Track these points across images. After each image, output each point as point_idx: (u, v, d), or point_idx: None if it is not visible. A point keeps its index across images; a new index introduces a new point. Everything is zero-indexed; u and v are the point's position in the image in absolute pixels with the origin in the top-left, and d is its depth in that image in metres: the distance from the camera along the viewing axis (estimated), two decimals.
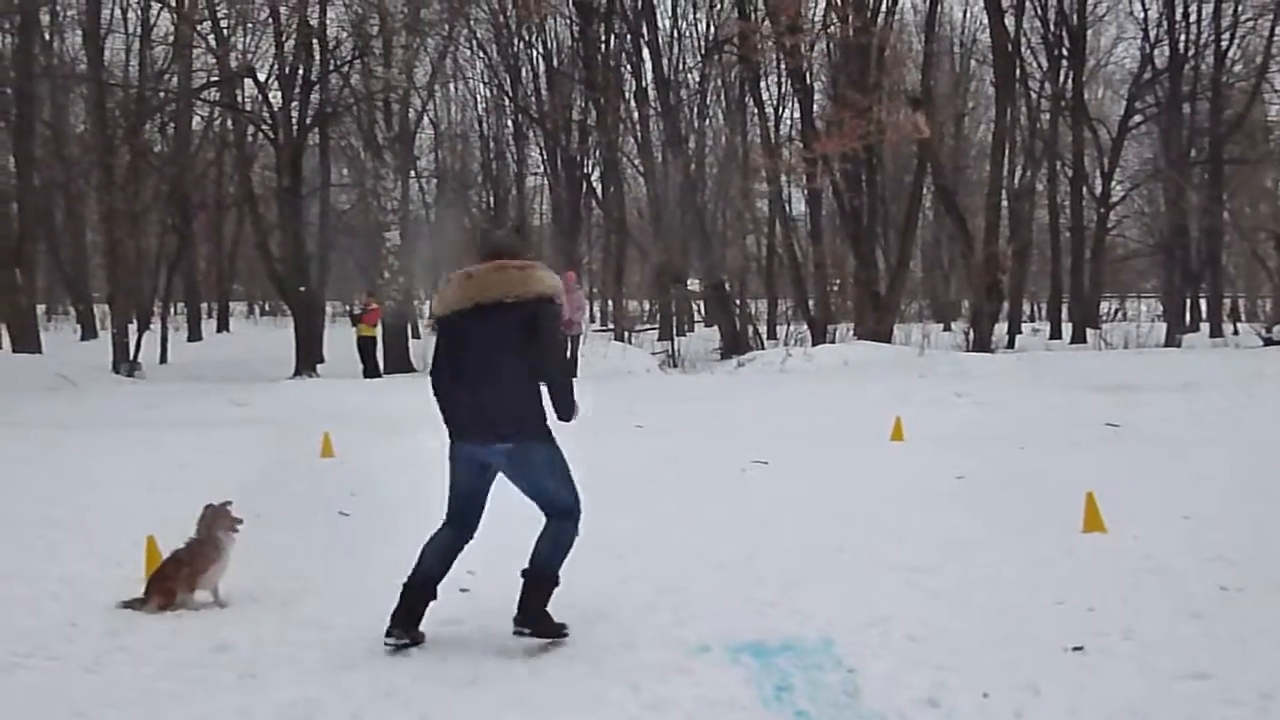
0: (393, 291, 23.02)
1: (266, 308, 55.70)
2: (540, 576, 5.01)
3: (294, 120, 24.85)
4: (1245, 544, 6.50)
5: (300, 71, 25.21)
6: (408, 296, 27.99)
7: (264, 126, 26.54)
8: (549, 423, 5.00)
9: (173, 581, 5.61)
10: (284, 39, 25.94)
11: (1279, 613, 5.23)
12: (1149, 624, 5.10)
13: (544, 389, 5.00)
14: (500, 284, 4.95)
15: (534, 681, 4.61)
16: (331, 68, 25.45)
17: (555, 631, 5.02)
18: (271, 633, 5.25)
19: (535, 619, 4.97)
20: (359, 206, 33.66)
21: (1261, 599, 5.46)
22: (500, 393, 4.92)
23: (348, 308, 20.76)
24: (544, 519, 5.08)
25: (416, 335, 30.88)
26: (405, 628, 4.99)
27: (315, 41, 25.19)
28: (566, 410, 5.04)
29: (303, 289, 22.90)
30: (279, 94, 25.86)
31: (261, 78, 28.62)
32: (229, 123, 33.48)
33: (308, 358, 22.13)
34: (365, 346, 21.73)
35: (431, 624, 5.31)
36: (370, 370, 21.31)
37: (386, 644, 4.96)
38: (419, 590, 5.04)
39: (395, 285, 23.10)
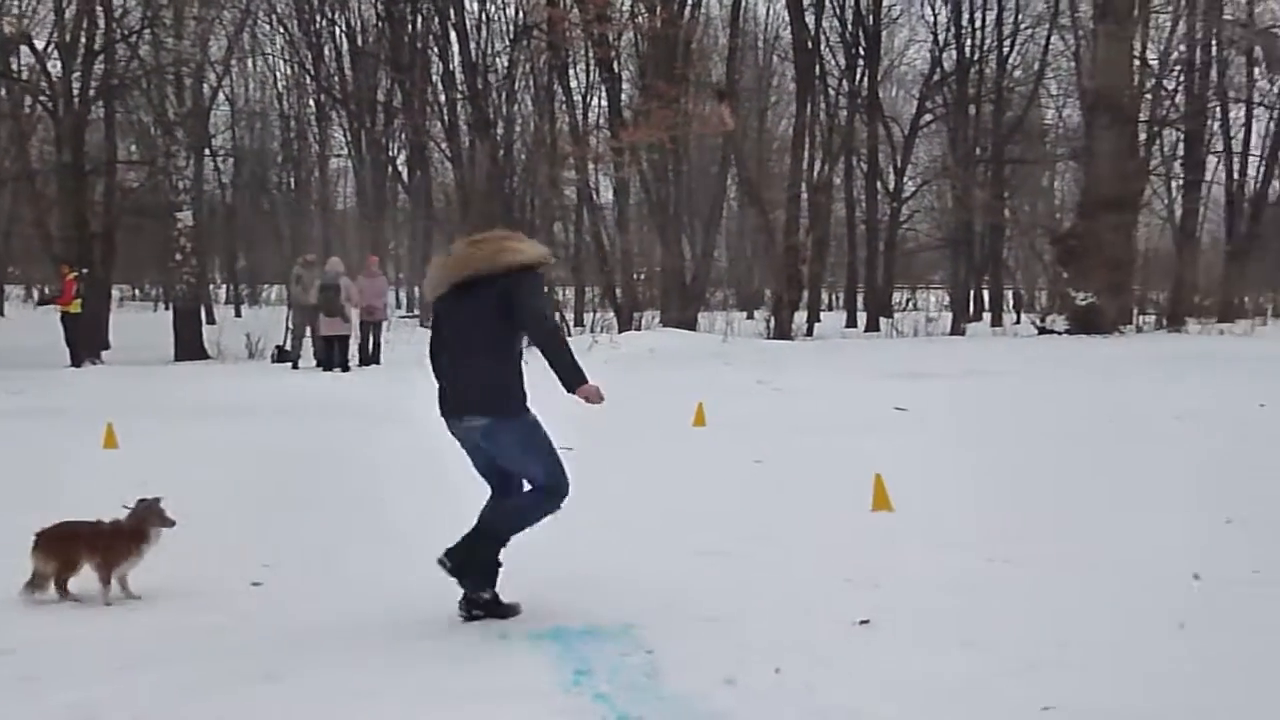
0: (185, 274, 22.02)
1: (46, 291, 52.31)
2: (484, 532, 5.13)
3: (75, 92, 23.45)
4: (1018, 523, 6.93)
5: (83, 40, 23.80)
6: (201, 279, 26.87)
7: (42, 98, 24.96)
8: (525, 399, 5.17)
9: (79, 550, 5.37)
10: (64, 4, 24.45)
11: (1043, 586, 5.59)
12: (929, 598, 5.38)
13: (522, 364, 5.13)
14: (471, 260, 5.04)
15: (327, 675, 4.50)
16: (118, 37, 24.12)
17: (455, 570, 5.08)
18: (51, 632, 4.98)
19: (460, 563, 5.06)
20: (149, 185, 32.07)
21: (1027, 572, 5.83)
22: (471, 370, 5.02)
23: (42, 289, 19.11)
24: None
25: (211, 320, 29.65)
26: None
27: (99, 8, 23.82)
28: (567, 377, 5.09)
29: (85, 271, 21.62)
30: (59, 63, 24.36)
31: (40, 45, 26.88)
32: (3, 92, 31.32)
33: (90, 344, 20.89)
34: (71, 326, 19.83)
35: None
36: (77, 356, 19.50)
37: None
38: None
39: (188, 267, 22.10)
